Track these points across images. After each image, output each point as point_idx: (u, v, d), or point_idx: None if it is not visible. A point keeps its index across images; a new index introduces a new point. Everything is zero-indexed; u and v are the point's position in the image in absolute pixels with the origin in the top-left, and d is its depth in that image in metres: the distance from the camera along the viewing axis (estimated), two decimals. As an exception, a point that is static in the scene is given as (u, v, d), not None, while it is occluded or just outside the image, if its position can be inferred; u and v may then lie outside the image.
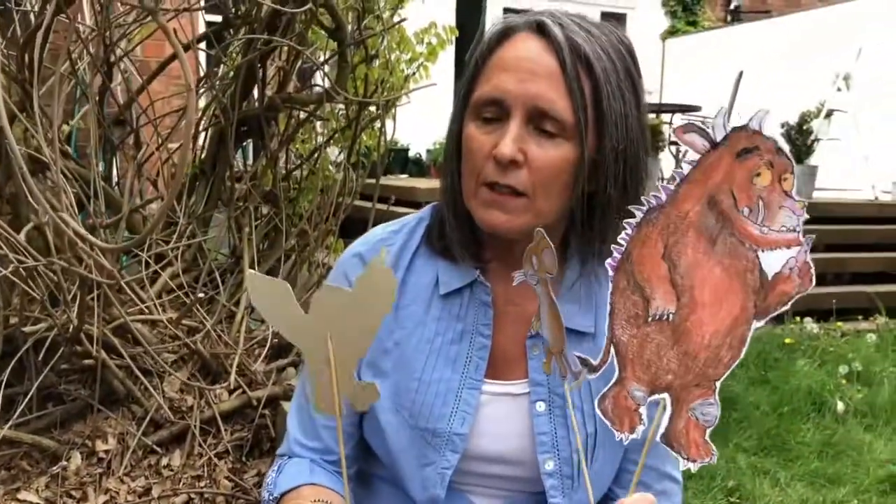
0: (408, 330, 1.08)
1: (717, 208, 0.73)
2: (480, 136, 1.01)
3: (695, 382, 0.76)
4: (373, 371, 1.09)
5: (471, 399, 1.06)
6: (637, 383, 0.79)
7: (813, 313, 5.22)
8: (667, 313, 0.77)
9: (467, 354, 1.07)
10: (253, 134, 2.73)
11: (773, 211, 0.72)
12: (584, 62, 0.98)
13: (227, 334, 2.50)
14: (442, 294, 1.09)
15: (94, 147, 2.31)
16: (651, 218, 0.76)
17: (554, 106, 0.97)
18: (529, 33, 1.01)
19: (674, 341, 0.77)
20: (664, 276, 0.76)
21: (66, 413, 2.32)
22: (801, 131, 6.83)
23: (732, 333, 0.75)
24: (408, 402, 1.07)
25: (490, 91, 1.00)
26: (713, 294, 0.75)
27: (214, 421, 2.34)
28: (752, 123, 0.72)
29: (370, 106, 2.64)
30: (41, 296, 2.08)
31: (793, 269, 0.72)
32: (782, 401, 3.85)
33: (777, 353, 4.42)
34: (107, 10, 2.24)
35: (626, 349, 0.79)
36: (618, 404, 0.81)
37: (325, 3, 2.24)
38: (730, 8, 13.66)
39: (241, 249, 2.61)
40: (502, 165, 0.98)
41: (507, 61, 1.00)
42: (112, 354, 2.27)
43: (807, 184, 6.64)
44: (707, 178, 0.73)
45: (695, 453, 0.77)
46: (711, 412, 0.77)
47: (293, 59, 2.61)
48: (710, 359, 0.76)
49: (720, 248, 0.74)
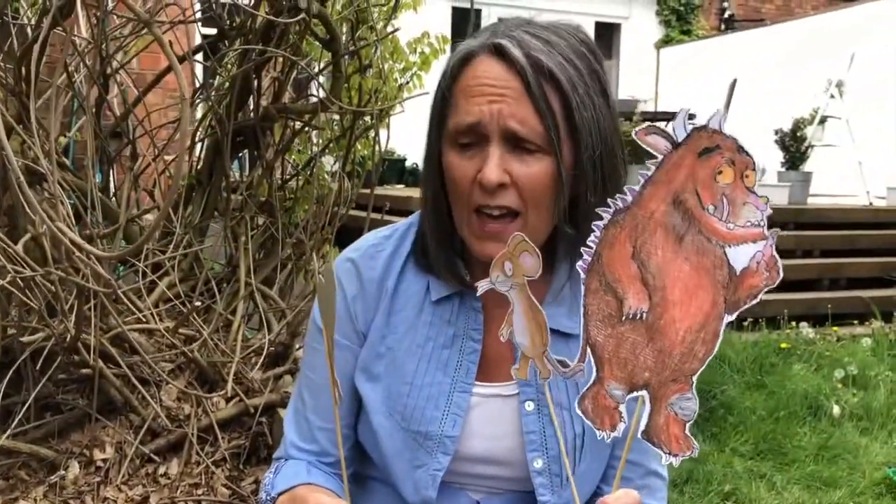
0: (399, 335, 1.10)
1: (683, 207, 0.76)
2: (462, 164, 1.02)
3: (671, 378, 0.78)
4: (366, 375, 1.11)
5: (461, 402, 1.08)
6: (615, 382, 0.81)
7: (809, 318, 5.23)
8: (640, 312, 0.79)
9: (458, 359, 1.09)
10: (249, 144, 2.75)
11: (738, 207, 0.74)
12: (548, 78, 0.99)
13: (223, 343, 2.51)
14: (433, 300, 1.11)
15: (90, 158, 2.33)
16: (618, 219, 0.78)
17: (524, 126, 0.98)
18: (489, 56, 1.01)
19: (648, 339, 0.79)
20: (635, 276, 0.78)
21: (63, 422, 2.33)
22: (795, 138, 6.86)
23: (705, 328, 0.77)
24: (400, 406, 1.08)
25: (464, 118, 1.01)
26: (684, 291, 0.76)
27: (212, 429, 2.35)
28: (711, 123, 0.73)
29: (365, 115, 2.66)
30: (38, 306, 2.10)
31: (760, 263, 0.74)
32: (778, 405, 3.86)
33: (773, 357, 4.44)
34: (103, 23, 2.26)
35: (602, 349, 0.81)
36: (597, 403, 0.82)
37: (319, 14, 2.27)
38: (724, 17, 13.74)
39: (237, 259, 2.63)
40: (489, 190, 0.99)
41: (473, 87, 1.01)
42: (109, 364, 2.28)
43: (802, 190, 6.66)
44: (671, 179, 0.75)
45: (676, 448, 0.78)
46: (690, 406, 0.78)
47: (288, 70, 2.64)
48: (684, 354, 0.77)
49: (688, 246, 0.76)
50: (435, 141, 1.07)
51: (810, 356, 4.55)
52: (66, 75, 2.46)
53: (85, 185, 2.34)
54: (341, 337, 1.12)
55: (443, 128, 1.05)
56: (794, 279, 5.71)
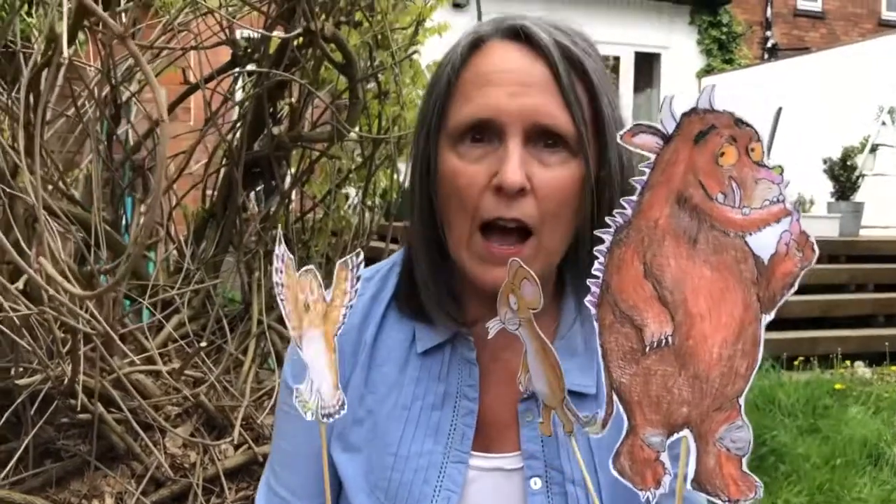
0: (380, 395, 0.92)
1: (689, 204, 0.64)
2: (469, 169, 0.85)
3: (715, 406, 0.65)
4: (342, 444, 0.93)
5: (457, 475, 0.90)
6: (651, 427, 0.67)
7: (864, 357, 5.01)
8: (664, 337, 0.66)
9: (451, 422, 0.91)
10: (265, 175, 2.63)
11: (750, 187, 0.62)
12: (577, 67, 0.84)
13: (233, 385, 2.37)
14: (419, 352, 0.93)
15: (95, 190, 2.23)
16: (621, 238, 0.66)
17: (555, 121, 0.83)
18: (506, 41, 0.86)
19: (680, 367, 0.65)
20: (651, 297, 0.66)
21: (62, 470, 2.21)
22: (844, 167, 6.62)
23: (742, 338, 0.64)
24: (383, 482, 0.90)
25: (475, 111, 0.84)
26: (709, 300, 0.64)
27: (218, 479, 2.20)
28: (700, 103, 0.62)
29: (385, 143, 2.52)
30: (33, 347, 1.98)
31: (789, 244, 0.62)
32: (835, 452, 3.60)
33: (827, 399, 4.18)
34: (110, 49, 2.17)
35: (630, 391, 0.67)
36: (635, 458, 0.68)
37: (334, 37, 2.14)
38: (766, 46, 13.54)
39: (250, 296, 2.50)
40: (507, 196, 0.82)
41: (490, 75, 0.85)
42: (111, 408, 2.15)
43: (853, 221, 6.42)
44: (669, 177, 0.64)
45: (735, 492, 0.64)
46: (742, 437, 0.64)
47: (305, 98, 2.52)
48: (724, 374, 0.64)
49: (703, 247, 0.64)
50: (425, 148, 0.90)
51: (868, 398, 4.28)
52: (75, 106, 2.37)
53: (89, 220, 2.23)
54: None
55: (440, 127, 0.88)
56: (847, 315, 5.48)
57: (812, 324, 5.24)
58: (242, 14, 2.39)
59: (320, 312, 0.73)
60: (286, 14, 2.16)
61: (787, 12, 14.00)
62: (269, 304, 2.54)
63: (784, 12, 13.96)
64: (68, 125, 2.76)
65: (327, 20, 2.14)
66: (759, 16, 13.58)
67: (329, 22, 2.15)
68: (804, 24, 14.12)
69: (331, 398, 0.74)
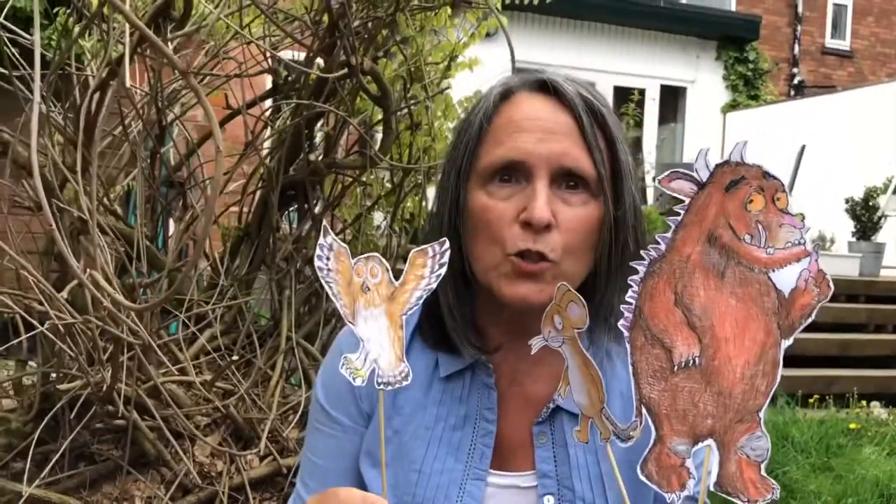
0: (406, 416, 1.00)
1: (719, 243, 0.74)
2: (498, 206, 0.94)
3: (737, 419, 0.74)
4: (370, 461, 1.02)
5: (476, 491, 0.98)
6: (677, 437, 0.76)
7: (881, 397, 4.99)
8: (692, 358, 0.75)
9: (471, 442, 0.99)
10: (299, 198, 2.74)
11: (774, 231, 0.72)
12: (598, 118, 0.95)
13: (261, 399, 2.46)
14: (442, 376, 1.01)
15: (139, 207, 2.35)
16: (654, 269, 0.75)
17: (579, 164, 0.93)
18: (534, 93, 0.97)
19: (705, 384, 0.75)
20: (681, 323, 0.75)
21: (96, 473, 2.30)
22: (866, 207, 6.63)
23: (763, 360, 0.73)
24: (408, 497, 0.98)
25: (507, 154, 0.94)
26: (734, 326, 0.74)
27: (243, 488, 2.29)
28: (732, 156, 0.72)
29: (414, 172, 2.63)
30: (78, 353, 2.09)
31: (808, 281, 0.72)
32: (847, 491, 3.61)
33: (841, 438, 4.19)
34: (159, 75, 2.30)
35: (659, 405, 0.77)
36: (661, 464, 0.77)
37: (371, 71, 2.26)
38: (793, 83, 13.56)
39: (279, 313, 2.60)
40: (533, 230, 0.91)
41: (520, 122, 0.95)
42: (145, 416, 2.25)
43: (874, 262, 6.41)
44: (702, 219, 0.74)
45: (754, 493, 0.73)
46: (761, 446, 0.74)
47: (340, 126, 2.63)
48: (746, 391, 0.74)
49: (730, 280, 0.74)
50: (455, 185, 0.99)
51: (882, 439, 4.28)
52: (122, 126, 2.50)
53: (132, 235, 2.35)
54: (345, 417, 1.03)
55: (471, 167, 0.98)
56: (865, 355, 5.47)
57: (829, 362, 5.23)
58: (284, 45, 2.51)
59: (385, 294, 0.83)
60: (327, 48, 2.28)
61: (814, 50, 14.03)
62: (297, 322, 2.64)
63: (812, 50, 13.99)
64: (111, 142, 2.89)
65: (365, 55, 2.25)
66: (786, 52, 13.62)
67: (367, 56, 2.26)
68: (832, 62, 14.14)
69: (392, 369, 0.84)
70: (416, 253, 0.84)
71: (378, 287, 0.83)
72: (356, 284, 0.84)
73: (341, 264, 0.84)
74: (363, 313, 0.84)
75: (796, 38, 13.64)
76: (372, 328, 0.84)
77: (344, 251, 0.84)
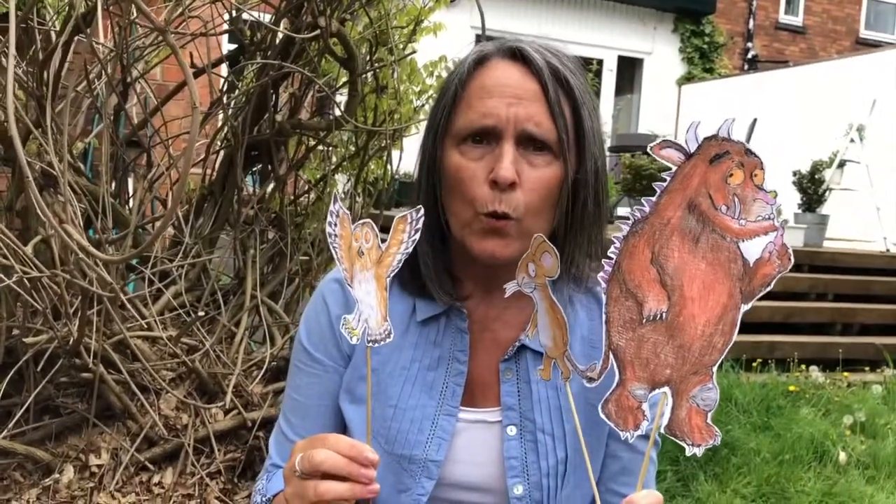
0: (384, 356, 1.08)
1: (697, 210, 0.80)
2: (471, 165, 1.02)
3: (692, 371, 0.82)
4: (349, 397, 1.10)
5: (447, 426, 1.07)
6: (637, 382, 0.84)
7: (819, 362, 5.19)
8: (660, 313, 0.82)
9: (444, 381, 1.08)
10: (263, 158, 2.77)
11: (748, 204, 0.79)
12: (563, 85, 1.02)
13: (225, 355, 2.51)
14: (419, 320, 1.10)
15: (104, 164, 2.36)
16: (637, 229, 0.82)
17: (541, 129, 1.00)
18: (506, 59, 1.04)
19: (669, 337, 0.82)
20: (654, 280, 0.82)
21: (61, 426, 2.33)
22: (812, 180, 6.84)
23: (723, 319, 0.80)
24: (384, 429, 1.07)
25: (478, 118, 1.01)
26: (701, 287, 0.81)
27: (208, 440, 2.34)
28: (720, 132, 0.78)
29: (379, 135, 2.67)
30: (44, 307, 2.11)
31: (772, 253, 0.79)
32: (784, 448, 3.81)
33: (781, 400, 4.39)
34: (125, 32, 2.29)
35: (624, 352, 0.84)
36: (621, 405, 0.85)
37: (338, 33, 2.29)
38: (747, 57, 13.79)
39: (244, 271, 2.64)
40: (500, 189, 0.99)
41: (491, 88, 1.02)
42: (110, 369, 2.29)
43: (818, 233, 6.63)
44: (685, 186, 0.80)
45: (698, 438, 0.81)
46: (711, 396, 0.82)
47: (305, 87, 2.66)
48: (704, 347, 0.81)
49: (703, 246, 0.81)
50: (432, 145, 1.07)
51: (819, 401, 4.50)
52: (87, 82, 2.49)
53: (98, 191, 2.36)
54: (326, 357, 1.11)
55: (446, 130, 1.05)
56: (806, 322, 5.68)
57: (773, 328, 5.44)
58: (251, 4, 2.52)
59: (374, 258, 0.89)
60: (294, 9, 2.30)
61: (768, 25, 14.28)
62: (261, 281, 2.68)
63: (766, 25, 14.23)
64: (74, 99, 2.87)
65: (332, 17, 2.28)
66: (741, 27, 13.84)
67: (334, 18, 2.29)
68: (784, 37, 14.41)
69: (378, 327, 0.90)
70: (399, 219, 0.90)
71: (370, 251, 0.89)
72: (354, 249, 0.89)
73: (344, 230, 0.89)
74: (358, 276, 0.90)
75: (751, 12, 13.86)
76: (365, 290, 0.90)
77: (347, 218, 0.90)
